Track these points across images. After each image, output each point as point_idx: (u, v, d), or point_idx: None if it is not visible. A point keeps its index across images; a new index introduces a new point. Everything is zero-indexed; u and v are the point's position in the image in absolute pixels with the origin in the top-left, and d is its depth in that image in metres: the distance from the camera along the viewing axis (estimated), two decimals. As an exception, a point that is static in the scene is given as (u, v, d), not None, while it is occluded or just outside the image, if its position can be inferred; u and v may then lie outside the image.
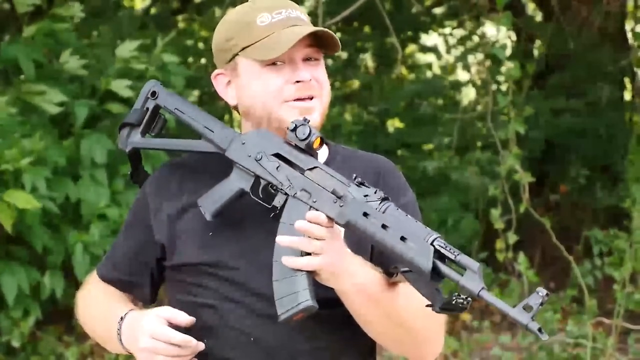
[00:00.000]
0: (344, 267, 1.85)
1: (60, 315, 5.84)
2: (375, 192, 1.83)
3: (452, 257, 1.75)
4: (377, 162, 2.10)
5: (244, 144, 1.96)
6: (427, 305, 1.80)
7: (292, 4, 2.01)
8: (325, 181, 1.88)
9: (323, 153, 2.08)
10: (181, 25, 8.59)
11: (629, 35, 7.88)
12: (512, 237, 5.72)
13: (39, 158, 4.78)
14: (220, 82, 2.05)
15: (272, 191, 1.93)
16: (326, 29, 1.96)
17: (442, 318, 1.99)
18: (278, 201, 1.92)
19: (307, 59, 1.98)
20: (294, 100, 1.97)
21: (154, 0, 8.45)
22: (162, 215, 2.04)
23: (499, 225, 5.74)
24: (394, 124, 8.73)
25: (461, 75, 9.39)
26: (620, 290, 5.56)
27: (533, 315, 1.70)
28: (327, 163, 2.04)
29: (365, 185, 1.85)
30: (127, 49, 5.11)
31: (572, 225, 7.40)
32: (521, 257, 5.75)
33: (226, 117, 8.50)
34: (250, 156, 1.95)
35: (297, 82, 1.96)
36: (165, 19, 8.03)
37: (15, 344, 5.19)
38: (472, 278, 1.72)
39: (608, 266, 5.87)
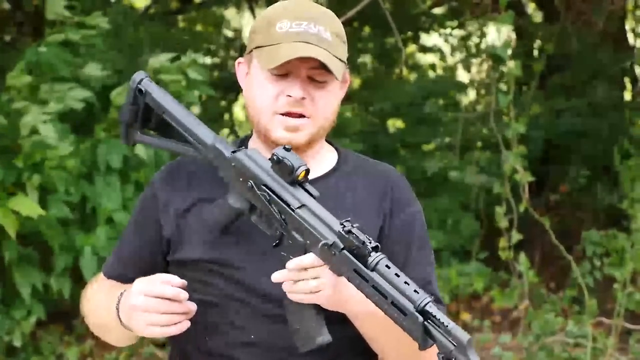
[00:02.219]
0: (348, 295, 1.85)
1: (61, 316, 5.85)
2: (363, 244, 1.78)
3: (444, 327, 1.71)
4: (388, 174, 2.09)
5: (234, 165, 1.93)
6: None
7: (321, 18, 1.99)
8: (314, 223, 1.85)
9: (331, 159, 2.09)
10: (181, 25, 8.60)
11: (629, 35, 7.89)
12: (516, 236, 5.73)
13: (60, 162, 4.82)
14: (241, 71, 2.06)
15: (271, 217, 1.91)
16: (328, 59, 1.94)
17: None
18: (277, 232, 1.90)
19: (313, 79, 1.97)
20: (284, 113, 1.96)
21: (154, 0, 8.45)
22: (170, 209, 2.04)
23: (503, 223, 5.74)
24: (394, 124, 8.74)
25: (462, 75, 9.39)
26: (621, 290, 5.57)
27: None
28: (334, 170, 2.05)
29: (353, 233, 1.79)
30: (160, 60, 5.14)
31: (572, 225, 7.40)
32: (522, 257, 5.76)
33: (226, 116, 8.52)
34: (241, 180, 1.92)
35: (289, 96, 1.96)
36: (166, 18, 8.03)
37: (17, 343, 5.20)
38: (464, 353, 1.69)
39: (608, 266, 5.88)
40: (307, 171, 1.88)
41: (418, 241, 2.04)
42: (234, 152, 1.94)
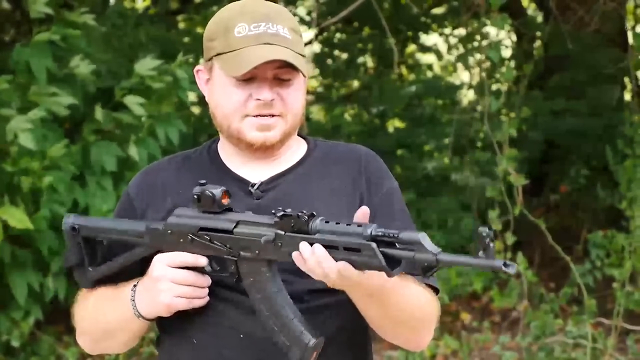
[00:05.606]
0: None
1: (59, 316, 5.84)
2: (298, 217, 1.83)
3: (395, 239, 1.74)
4: (358, 152, 2.11)
5: (170, 232, 1.97)
6: (413, 274, 1.80)
7: (277, 17, 2.00)
8: (254, 230, 1.89)
9: (301, 149, 2.11)
10: (181, 25, 8.60)
11: (630, 34, 7.88)
12: (510, 238, 5.73)
13: (53, 164, 4.82)
14: (201, 78, 2.08)
15: (223, 259, 1.95)
16: (293, 57, 1.96)
17: (436, 302, 2.01)
18: (232, 268, 1.93)
19: (279, 78, 1.99)
20: (255, 116, 1.99)
21: (154, 1, 8.45)
22: (148, 219, 2.05)
23: (497, 226, 5.74)
24: (393, 124, 8.74)
25: (462, 75, 9.39)
26: (620, 290, 5.57)
27: (492, 256, 1.68)
28: (304, 159, 2.08)
29: (287, 215, 1.84)
30: (146, 66, 5.12)
31: (572, 225, 7.40)
32: (520, 257, 5.76)
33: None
34: (182, 241, 1.96)
35: (259, 99, 1.98)
36: (165, 19, 8.03)
37: (15, 344, 5.20)
38: (423, 249, 1.72)
39: (608, 266, 5.88)
40: (227, 192, 1.93)
41: (399, 215, 2.06)
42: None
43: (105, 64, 5.50)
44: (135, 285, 1.99)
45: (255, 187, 2.02)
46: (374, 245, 1.74)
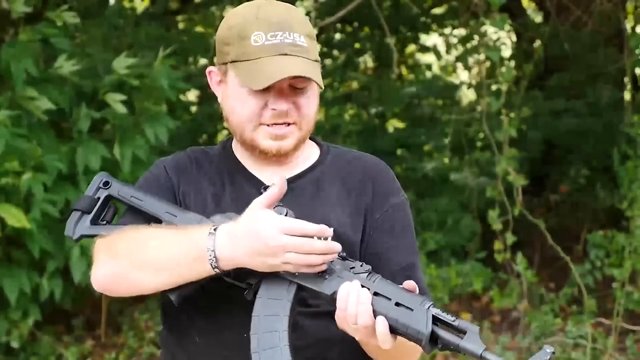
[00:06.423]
0: None
1: (59, 316, 5.84)
2: (361, 265, 1.83)
3: (450, 321, 1.74)
4: (368, 163, 2.11)
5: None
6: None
7: (294, 24, 1.98)
8: None
9: (314, 154, 2.11)
10: (181, 25, 8.60)
11: (627, 35, 7.87)
12: (510, 238, 5.73)
13: (37, 164, 4.80)
14: (213, 78, 2.07)
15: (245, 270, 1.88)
16: (309, 68, 1.95)
17: None
18: (253, 279, 1.89)
19: (294, 86, 1.98)
20: (270, 125, 1.99)
21: (153, 1, 8.45)
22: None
23: (497, 226, 5.74)
24: (393, 125, 8.74)
25: (462, 75, 9.38)
26: (620, 290, 5.57)
27: None
28: (317, 164, 2.08)
29: (349, 259, 1.84)
30: (122, 65, 5.11)
31: (572, 225, 7.39)
32: (519, 257, 5.76)
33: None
34: None
35: (274, 109, 1.97)
36: (165, 19, 8.03)
37: (15, 345, 5.20)
38: (473, 340, 1.70)
39: (608, 266, 5.88)
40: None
41: (400, 230, 2.06)
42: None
43: (105, 64, 5.50)
44: (212, 233, 1.85)
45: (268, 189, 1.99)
46: (430, 312, 1.74)
